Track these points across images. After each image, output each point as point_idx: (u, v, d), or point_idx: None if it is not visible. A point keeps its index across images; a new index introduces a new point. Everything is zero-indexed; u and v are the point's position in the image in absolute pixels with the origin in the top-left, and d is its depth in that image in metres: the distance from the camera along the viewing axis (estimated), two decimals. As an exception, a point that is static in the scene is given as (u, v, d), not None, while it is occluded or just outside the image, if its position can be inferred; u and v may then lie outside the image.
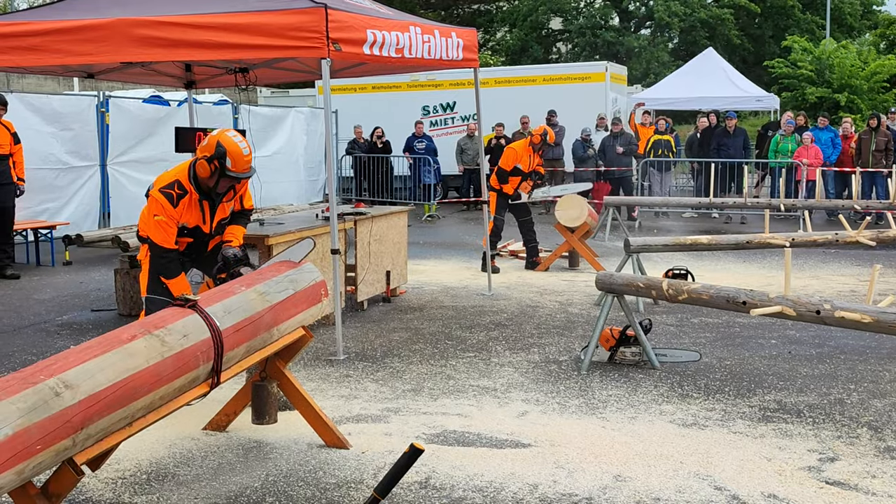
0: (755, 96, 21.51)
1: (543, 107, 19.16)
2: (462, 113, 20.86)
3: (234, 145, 5.47)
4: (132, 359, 3.41)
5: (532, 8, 40.67)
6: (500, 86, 20.80)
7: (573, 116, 18.90)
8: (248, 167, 5.56)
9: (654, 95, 21.90)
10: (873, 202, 14.11)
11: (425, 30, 7.94)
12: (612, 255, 11.88)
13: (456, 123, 21.16)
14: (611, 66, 21.19)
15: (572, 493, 4.27)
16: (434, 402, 5.76)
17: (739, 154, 17.41)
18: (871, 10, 46.45)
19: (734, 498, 4.21)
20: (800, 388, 6.06)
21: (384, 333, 7.75)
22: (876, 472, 4.54)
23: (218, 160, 5.45)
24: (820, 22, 41.13)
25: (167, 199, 5.50)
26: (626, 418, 5.44)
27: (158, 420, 3.63)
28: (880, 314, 5.13)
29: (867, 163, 16.34)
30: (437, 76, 20.41)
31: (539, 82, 21.03)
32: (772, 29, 42.84)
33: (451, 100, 21.13)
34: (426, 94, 21.26)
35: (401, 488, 4.29)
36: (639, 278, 6.78)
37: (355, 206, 9.39)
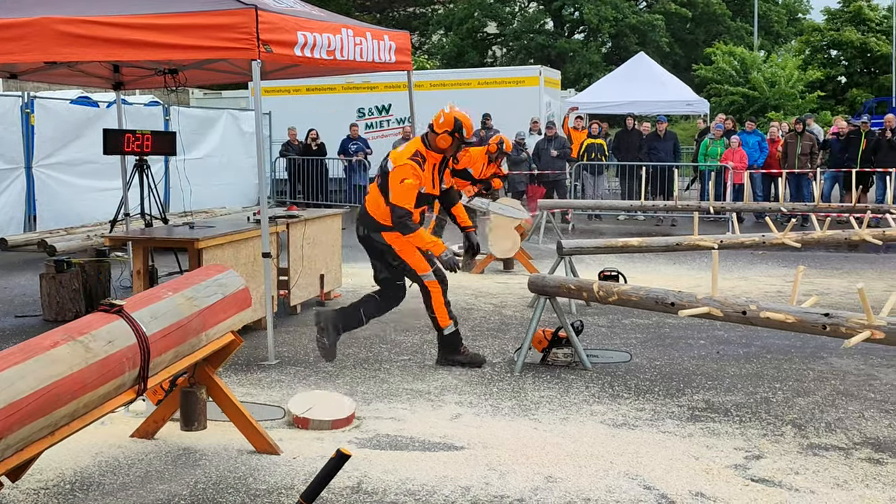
0: (686, 100, 21.88)
1: (478, 110, 19.19)
2: (398, 115, 20.86)
3: (465, 118, 6.57)
4: (55, 366, 3.33)
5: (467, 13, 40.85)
6: (436, 89, 20.84)
7: (507, 120, 19.00)
8: (472, 133, 6.67)
9: (587, 99, 22.14)
10: (799, 205, 14.44)
11: (357, 32, 7.92)
12: (546, 258, 11.95)
13: (392, 126, 21.15)
14: (545, 71, 21.41)
15: (504, 495, 4.28)
16: (367, 407, 5.74)
17: (670, 157, 17.70)
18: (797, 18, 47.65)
19: (663, 497, 4.27)
20: (727, 387, 6.17)
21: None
22: (799, 468, 4.64)
23: (457, 132, 6.50)
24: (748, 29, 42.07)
25: (417, 164, 6.44)
26: (557, 419, 5.48)
27: (83, 428, 3.56)
28: (804, 314, 5.25)
29: (793, 166, 16.73)
30: (373, 78, 20.36)
31: (474, 86, 21.14)
32: (703, 35, 43.69)
33: (387, 102, 21.12)
34: (361, 96, 21.21)
35: (332, 493, 4.26)
36: (570, 280, 6.85)
37: (288, 209, 9.32)
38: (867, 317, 4.90)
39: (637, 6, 42.52)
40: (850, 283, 10.19)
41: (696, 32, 43.79)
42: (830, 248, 12.77)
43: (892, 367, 6.62)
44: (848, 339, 4.91)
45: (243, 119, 19.58)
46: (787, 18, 46.64)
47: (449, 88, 20.98)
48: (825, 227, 9.40)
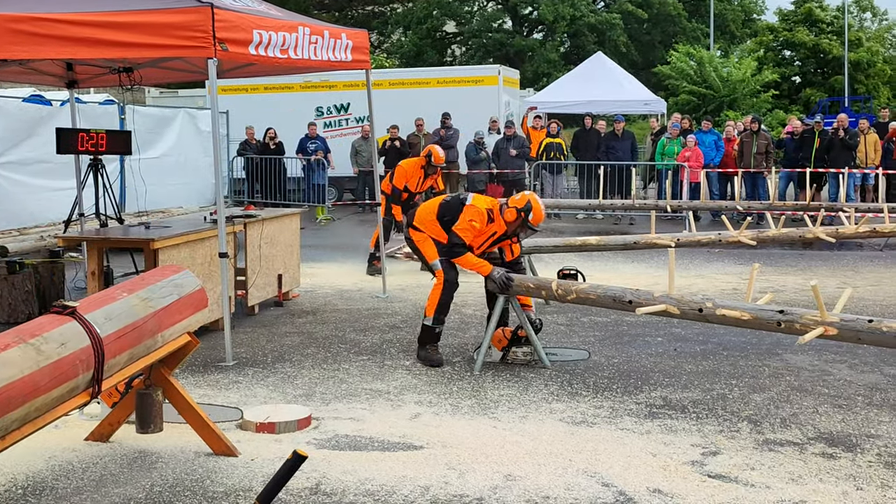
0: (643, 100, 22.04)
1: (437, 109, 19.24)
2: (356, 114, 20.78)
3: (538, 206, 6.70)
4: (5, 368, 3.27)
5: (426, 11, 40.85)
6: (395, 88, 20.80)
7: (467, 119, 19.04)
8: (541, 222, 6.77)
9: (546, 99, 22.22)
10: (755, 203, 14.63)
11: (314, 30, 7.87)
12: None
13: (350, 125, 21.07)
14: (503, 70, 21.44)
15: (463, 494, 4.29)
16: (326, 407, 5.71)
17: (627, 157, 17.83)
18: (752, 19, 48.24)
19: (621, 494, 4.30)
20: (684, 384, 6.23)
21: (275, 338, 7.65)
22: (755, 464, 4.70)
23: (524, 212, 6.65)
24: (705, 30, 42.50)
25: (487, 216, 6.77)
26: (517, 417, 5.49)
27: (35, 432, 3.50)
28: (759, 311, 5.32)
29: (749, 165, 16.93)
30: (331, 77, 20.28)
31: (433, 85, 21.12)
32: (660, 35, 44.07)
33: (346, 101, 21.03)
34: (320, 94, 21.10)
35: (290, 495, 4.23)
36: (529, 279, 6.87)
37: (245, 209, 9.25)
38: (820, 313, 4.97)
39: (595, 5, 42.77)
40: (804, 280, 10.33)
41: (653, 33, 44.16)
42: (785, 245, 12.93)
43: (846, 363, 6.72)
44: (802, 336, 4.99)
45: (200, 118, 19.38)
46: (742, 19, 47.19)
47: (408, 87, 20.95)
48: (780, 225, 9.53)
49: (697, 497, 4.26)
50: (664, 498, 4.25)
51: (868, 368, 6.58)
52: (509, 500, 4.21)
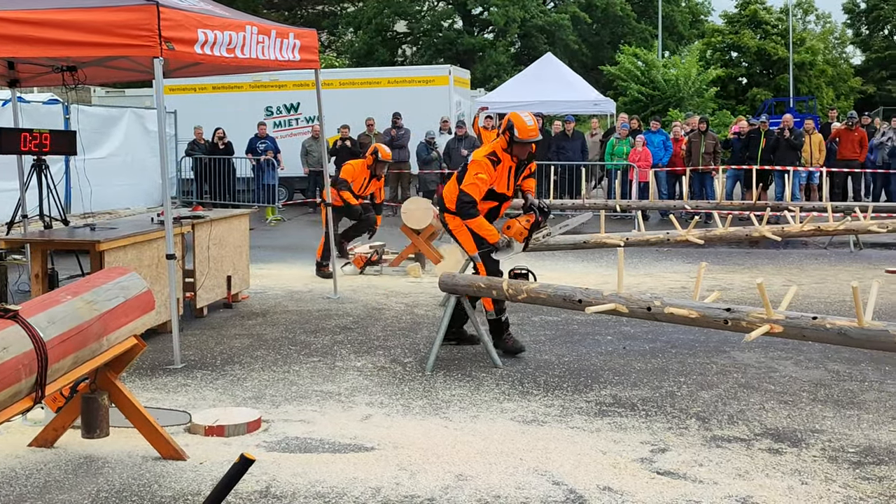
0: (593, 100, 22.22)
1: (388, 109, 19.22)
2: (307, 114, 20.68)
3: (518, 118, 6.71)
4: (-57, 374, 3.20)
5: (377, 10, 40.74)
6: (345, 87, 20.74)
7: (418, 119, 19.05)
8: (533, 134, 6.72)
9: (497, 99, 22.30)
10: (702, 202, 14.84)
11: (262, 30, 7.81)
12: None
13: (301, 125, 20.97)
14: (454, 70, 21.48)
15: (414, 495, 4.28)
16: (276, 409, 5.67)
17: (578, 157, 17.96)
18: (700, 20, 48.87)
19: (571, 492, 4.32)
20: (634, 382, 6.29)
21: (225, 340, 7.58)
22: (703, 460, 4.76)
23: (508, 132, 6.70)
24: (653, 31, 42.96)
25: (491, 163, 6.75)
26: (468, 417, 5.50)
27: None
28: (706, 309, 5.39)
29: (697, 164, 17.15)
30: (281, 77, 20.15)
31: (384, 84, 21.10)
32: (609, 36, 44.44)
33: (296, 101, 20.92)
34: (269, 94, 20.97)
35: (239, 499, 4.20)
36: (480, 279, 6.88)
37: (193, 210, 9.15)
38: (766, 311, 5.05)
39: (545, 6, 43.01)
40: (751, 278, 10.49)
41: (602, 33, 44.53)
42: (732, 244, 13.11)
43: (791, 360, 6.84)
44: (748, 334, 5.06)
45: (148, 118, 19.12)
46: (690, 20, 47.78)
47: (359, 87, 20.90)
48: (727, 224, 9.68)
49: (647, 494, 4.30)
50: (614, 495, 4.28)
51: (813, 365, 6.70)
52: (460, 500, 4.22)
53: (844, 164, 17.41)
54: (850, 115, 18.29)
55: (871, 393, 5.98)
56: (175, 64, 8.25)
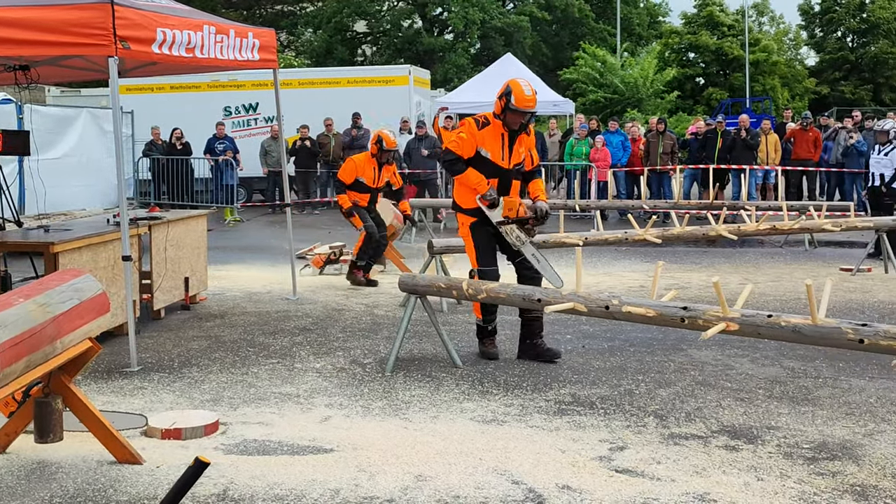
0: (552, 101, 22.31)
1: (348, 109, 19.17)
2: (265, 114, 20.56)
3: (517, 86, 6.52)
4: None
5: (336, 10, 40.60)
6: (304, 87, 20.64)
7: (378, 119, 18.94)
8: (529, 104, 6.54)
9: (457, 99, 22.32)
10: (660, 202, 14.98)
11: (220, 29, 7.75)
12: (419, 257, 11.98)
13: (259, 125, 20.84)
14: (414, 70, 21.47)
15: (373, 496, 4.26)
16: (234, 412, 5.62)
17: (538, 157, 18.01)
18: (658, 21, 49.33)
19: (530, 491, 4.33)
20: (592, 380, 6.31)
21: (182, 342, 7.50)
22: (661, 458, 4.79)
23: (504, 97, 6.50)
24: (611, 31, 43.28)
25: (475, 123, 6.70)
26: (428, 418, 5.49)
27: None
28: (663, 308, 5.42)
29: (655, 164, 17.30)
30: (239, 76, 20.01)
31: (343, 84, 21.03)
32: (568, 37, 44.69)
33: (254, 101, 20.79)
34: (228, 94, 20.81)
35: (197, 502, 4.15)
36: (440, 279, 6.88)
37: (150, 211, 9.06)
38: (722, 309, 5.10)
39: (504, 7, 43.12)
40: (708, 276, 10.59)
41: (561, 34, 44.77)
42: (690, 243, 13.23)
43: (747, 357, 6.91)
44: (705, 332, 5.11)
45: (104, 118, 18.86)
46: (648, 21, 48.21)
47: (318, 87, 20.81)
48: (684, 223, 9.77)
49: (605, 492, 4.32)
50: (573, 494, 4.30)
51: (769, 362, 6.78)
52: (420, 501, 4.21)
53: (799, 163, 17.65)
54: (805, 116, 18.56)
55: (826, 389, 6.06)
56: (132, 63, 8.16)
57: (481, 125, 6.68)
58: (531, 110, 6.62)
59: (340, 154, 19.28)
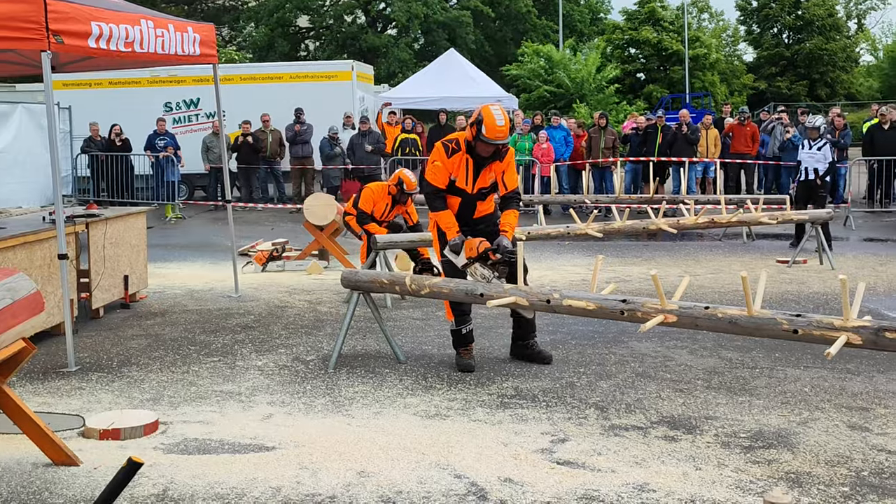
0: (496, 97, 22.36)
1: (291, 104, 19.02)
2: (207, 110, 20.30)
3: (489, 115, 6.17)
4: None
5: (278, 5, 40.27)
6: (246, 83, 20.43)
7: (321, 114, 18.90)
8: (500, 136, 6.20)
9: (400, 95, 22.30)
10: (602, 196, 15.10)
11: (158, 24, 7.62)
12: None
13: (201, 121, 20.57)
14: (357, 66, 21.37)
15: (316, 493, 4.24)
16: (174, 411, 5.54)
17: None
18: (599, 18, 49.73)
19: (473, 484, 4.34)
20: (534, 374, 6.35)
21: (122, 341, 7.38)
22: (601, 449, 4.83)
23: (476, 125, 6.20)
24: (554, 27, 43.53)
25: (444, 149, 6.39)
26: (371, 414, 5.48)
27: None
28: (603, 301, 5.47)
29: (597, 159, 17.44)
30: (180, 72, 19.69)
31: (286, 80, 20.86)
32: (511, 33, 44.85)
33: (195, 96, 20.51)
34: (168, 90, 20.50)
35: (135, 503, 4.09)
36: (383, 275, 6.86)
37: (88, 208, 8.89)
38: (661, 302, 5.16)
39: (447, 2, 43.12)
40: (648, 269, 10.67)
41: (504, 30, 44.91)
42: (631, 237, 13.39)
43: (686, 349, 7.01)
44: (644, 324, 5.16)
45: (41, 113, 18.48)
46: (589, 18, 48.58)
47: (260, 82, 20.61)
48: (625, 217, 9.86)
49: (546, 484, 4.35)
50: (514, 486, 4.31)
51: (707, 353, 6.88)
52: (362, 497, 4.19)
53: (737, 157, 17.94)
54: (742, 111, 18.85)
55: (762, 379, 6.17)
56: (66, 58, 8.01)
57: (451, 152, 6.36)
58: (502, 141, 6.26)
59: (278, 150, 19.17)
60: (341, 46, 40.61)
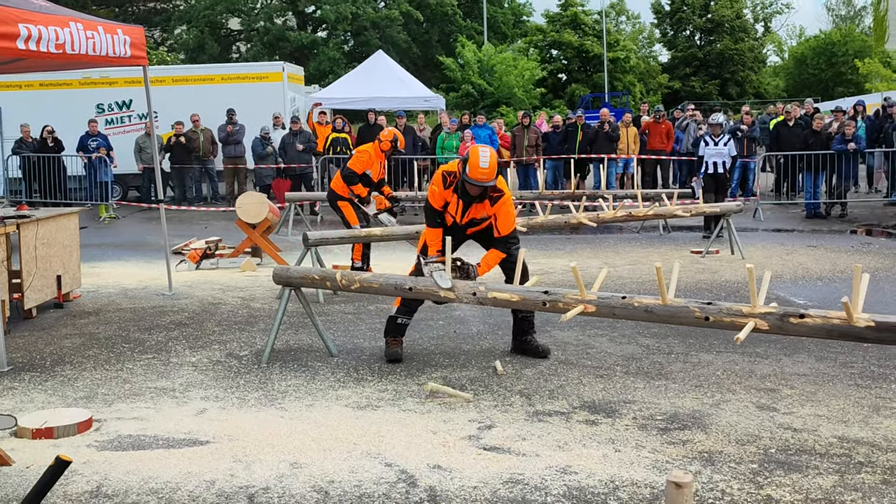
0: (423, 96, 22.40)
1: (223, 105, 18.77)
2: (139, 111, 19.92)
3: (475, 156, 6.08)
4: None
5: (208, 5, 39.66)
6: (178, 84, 20.11)
7: (252, 115, 18.70)
8: (482, 177, 6.05)
9: (330, 95, 22.17)
10: (526, 192, 15.22)
11: (88, 26, 7.45)
12: (296, 250, 11.83)
13: (133, 122, 20.19)
14: (288, 67, 21.18)
15: (249, 485, 4.19)
16: (108, 408, 5.43)
17: (409, 150, 18.03)
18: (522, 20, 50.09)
19: (403, 472, 4.34)
20: (463, 363, 6.37)
21: (55, 340, 7.20)
22: (526, 434, 4.88)
23: (463, 163, 6.15)
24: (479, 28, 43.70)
25: (442, 180, 6.35)
26: (303, 406, 5.44)
27: None
28: (526, 293, 5.53)
29: (521, 156, 17.56)
30: (112, 73, 19.33)
31: (217, 81, 20.57)
32: (438, 34, 44.91)
33: (127, 98, 20.12)
34: (100, 91, 20.07)
35: (69, 500, 4.00)
36: (314, 271, 6.81)
37: (19, 209, 8.65)
38: (580, 293, 5.23)
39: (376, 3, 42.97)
40: (569, 262, 10.81)
41: (431, 31, 44.95)
42: (554, 231, 13.50)
43: (606, 336, 7.11)
44: (565, 314, 5.22)
45: (-31, 116, 17.97)
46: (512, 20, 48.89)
47: (192, 84, 20.28)
48: (548, 212, 9.96)
49: (474, 469, 4.37)
50: (443, 473, 4.33)
51: (625, 340, 6.99)
52: (295, 488, 4.17)
53: (653, 154, 18.24)
54: (657, 109, 19.17)
55: (677, 364, 6.29)
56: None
57: (447, 184, 6.30)
58: (485, 183, 6.07)
59: (210, 149, 18.92)
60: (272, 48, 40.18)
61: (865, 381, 5.83)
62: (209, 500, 4.04)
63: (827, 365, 6.21)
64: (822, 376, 5.94)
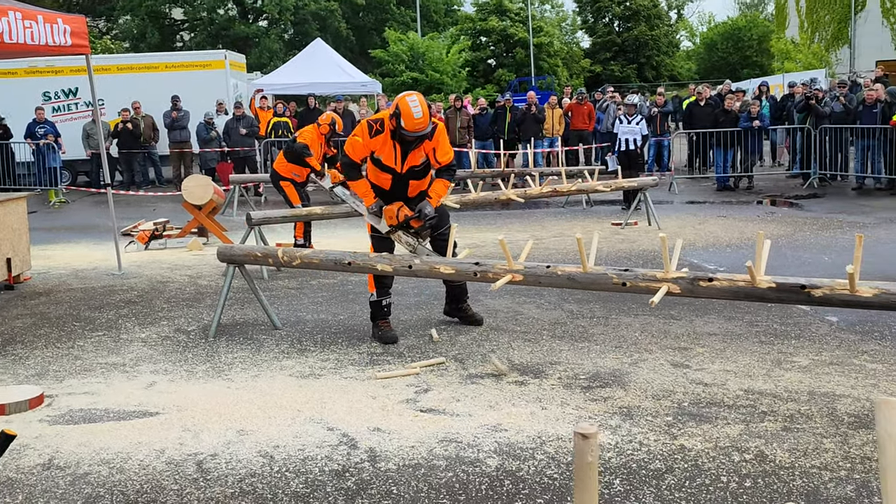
0: (360, 82, 22.21)
1: (168, 92, 18.38)
2: (86, 99, 19.36)
3: (406, 108, 5.72)
4: None
5: (150, -4, 38.73)
6: (123, 72, 19.62)
7: (196, 101, 18.35)
8: (419, 127, 5.75)
9: (272, 81, 21.87)
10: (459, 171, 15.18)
11: (27, 15, 7.20)
12: (241, 229, 11.66)
13: (80, 109, 19.63)
14: (230, 55, 20.81)
15: (198, 452, 4.14)
16: (60, 384, 5.31)
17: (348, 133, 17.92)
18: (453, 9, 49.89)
19: (344, 435, 4.33)
20: (401, 332, 6.35)
21: (6, 321, 7.00)
22: (460, 396, 4.90)
23: (395, 118, 5.77)
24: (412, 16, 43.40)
25: (367, 128, 5.94)
26: (249, 377, 5.38)
27: None
28: (458, 265, 5.53)
29: (454, 139, 17.52)
30: (57, 62, 18.74)
31: (162, 69, 20.11)
32: (373, 22, 44.50)
33: (74, 86, 19.56)
34: (46, 80, 19.48)
35: (21, 473, 3.91)
36: (256, 248, 6.72)
37: (-33, 195, 8.36)
38: (508, 263, 5.25)
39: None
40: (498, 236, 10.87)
41: (367, 19, 44.53)
42: (486, 207, 13.54)
43: (534, 303, 7.16)
44: (494, 283, 5.24)
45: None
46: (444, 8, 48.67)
47: (137, 72, 19.80)
48: (479, 189, 9.97)
49: (411, 430, 4.38)
50: (382, 434, 4.33)
51: (551, 307, 7.05)
52: (241, 453, 4.13)
53: (577, 133, 18.37)
54: (580, 92, 19.30)
55: (599, 327, 6.38)
56: (-65, 49, 7.46)
57: (374, 132, 5.91)
58: (422, 133, 5.80)
59: (151, 134, 18.55)
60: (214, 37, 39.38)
61: (769, 338, 5.98)
62: (159, 468, 3.98)
63: (735, 324, 6.36)
64: (730, 335, 6.07)
